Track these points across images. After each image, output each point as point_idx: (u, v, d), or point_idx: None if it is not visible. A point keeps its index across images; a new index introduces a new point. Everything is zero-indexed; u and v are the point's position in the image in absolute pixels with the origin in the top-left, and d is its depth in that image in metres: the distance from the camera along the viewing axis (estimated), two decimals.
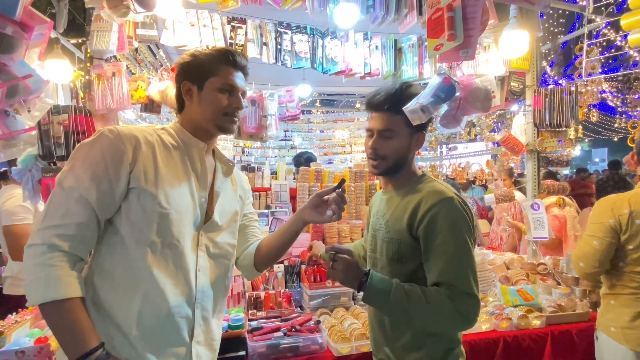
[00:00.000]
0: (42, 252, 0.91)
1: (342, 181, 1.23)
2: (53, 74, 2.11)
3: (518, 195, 3.23)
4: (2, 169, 3.58)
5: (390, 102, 1.17)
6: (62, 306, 0.90)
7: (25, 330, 1.64)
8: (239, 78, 1.14)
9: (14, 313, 1.76)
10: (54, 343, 1.46)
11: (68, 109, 1.99)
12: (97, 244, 1.02)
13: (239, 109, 1.14)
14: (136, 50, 3.74)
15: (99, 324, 0.96)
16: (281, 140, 6.90)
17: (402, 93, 1.18)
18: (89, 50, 2.10)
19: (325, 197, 1.23)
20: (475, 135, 4.27)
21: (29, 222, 2.40)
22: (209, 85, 1.10)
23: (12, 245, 2.44)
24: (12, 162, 2.31)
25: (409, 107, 1.13)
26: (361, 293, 1.11)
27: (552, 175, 3.17)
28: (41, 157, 1.97)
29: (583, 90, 3.30)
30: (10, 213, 2.39)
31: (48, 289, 0.90)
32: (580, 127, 3.07)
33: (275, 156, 6.97)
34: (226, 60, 1.12)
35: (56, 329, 0.91)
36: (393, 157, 1.19)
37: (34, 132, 1.75)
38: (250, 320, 1.84)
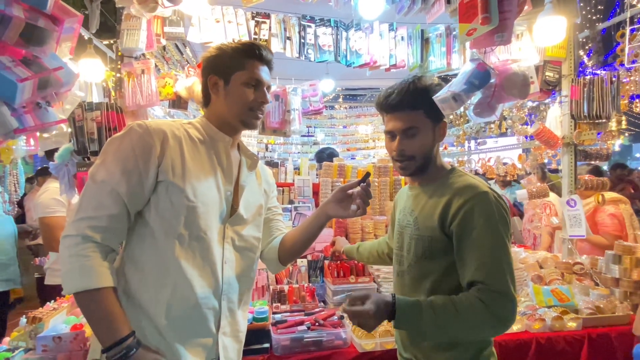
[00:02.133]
0: (77, 242, 0.94)
1: (367, 174, 1.18)
2: (87, 72, 2.20)
3: (553, 196, 3.04)
4: (43, 166, 3.78)
5: (407, 99, 1.12)
6: (95, 295, 0.93)
7: (62, 317, 1.71)
8: (264, 72, 1.14)
9: (52, 301, 1.85)
10: (88, 330, 1.51)
11: (101, 106, 2.07)
12: (128, 235, 1.05)
13: (265, 103, 1.14)
14: (164, 48, 3.83)
15: (130, 313, 0.99)
16: (304, 136, 6.91)
17: (416, 86, 1.12)
18: (119, 49, 2.16)
19: (350, 191, 1.20)
20: (507, 129, 4.08)
21: (62, 214, 2.52)
22: (236, 79, 1.10)
23: (46, 236, 2.58)
24: (50, 158, 2.44)
25: (439, 95, 1.09)
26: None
27: (598, 173, 2.93)
28: (76, 152, 2.06)
29: (625, 79, 3.09)
30: (44, 205, 2.52)
31: (82, 279, 0.93)
32: (623, 117, 2.85)
33: (299, 152, 6.99)
34: (252, 54, 1.11)
35: (89, 316, 0.95)
36: (421, 155, 1.15)
37: (66, 128, 1.83)
38: (274, 313, 1.85)
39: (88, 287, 0.93)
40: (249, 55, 1.11)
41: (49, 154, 2.33)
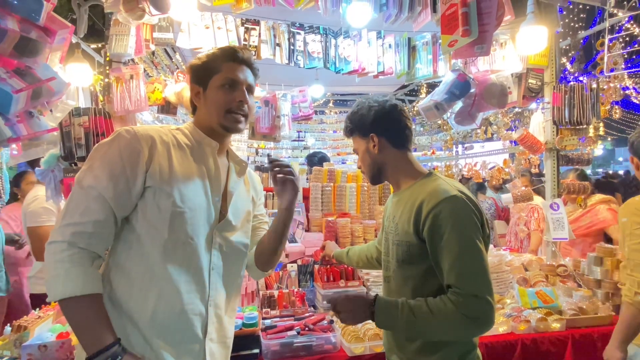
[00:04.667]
0: (62, 249, 0.93)
1: (268, 155, 1.27)
2: (74, 77, 2.18)
3: (539, 200, 3.10)
4: (21, 170, 3.69)
5: (346, 129, 1.33)
6: (80, 302, 0.92)
7: (47, 325, 1.69)
8: (241, 72, 1.12)
9: (37, 309, 1.82)
10: (74, 338, 1.49)
11: (88, 111, 2.05)
12: (114, 241, 1.04)
13: (243, 102, 1.11)
14: (153, 53, 3.82)
15: (115, 320, 0.98)
16: (294, 140, 6.94)
17: (349, 117, 1.32)
18: (108, 54, 2.16)
19: (278, 177, 1.18)
20: (492, 134, 4.18)
21: (53, 223, 2.46)
22: (212, 84, 1.11)
23: (36, 246, 2.51)
24: (35, 164, 2.39)
25: (423, 104, 1.12)
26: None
27: (584, 177, 2.99)
28: (63, 157, 2.03)
29: (605, 86, 3.19)
30: (34, 214, 2.46)
31: (67, 285, 0.92)
32: (601, 124, 2.93)
33: (289, 157, 7.01)
34: (228, 56, 1.12)
35: (74, 324, 0.93)
36: (366, 168, 1.30)
37: (56, 133, 1.81)
38: (264, 318, 1.85)
39: (73, 293, 0.92)
40: (225, 58, 1.11)
41: (33, 159, 2.29)
